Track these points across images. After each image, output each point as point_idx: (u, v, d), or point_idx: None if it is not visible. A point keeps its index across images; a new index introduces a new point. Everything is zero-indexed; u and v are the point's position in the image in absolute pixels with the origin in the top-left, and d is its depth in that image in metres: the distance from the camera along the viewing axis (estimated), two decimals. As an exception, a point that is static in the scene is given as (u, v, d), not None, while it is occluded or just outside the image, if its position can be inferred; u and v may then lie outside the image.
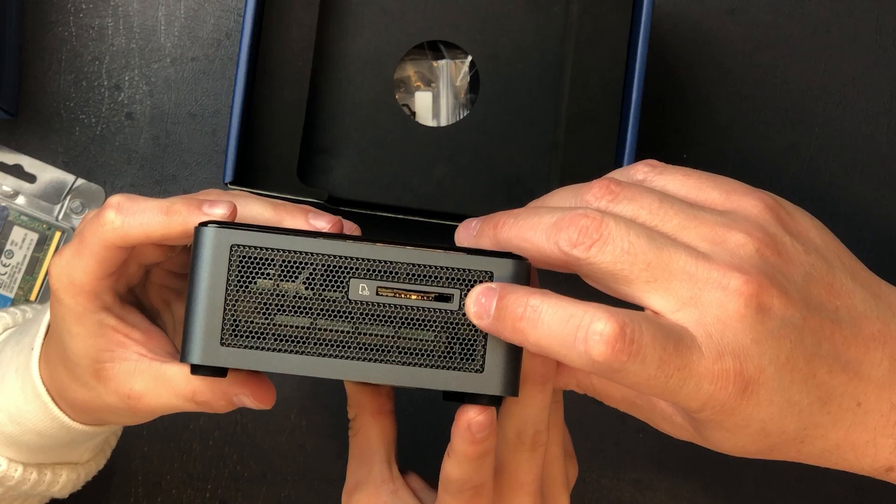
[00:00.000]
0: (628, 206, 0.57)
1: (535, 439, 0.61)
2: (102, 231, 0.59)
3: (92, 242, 0.60)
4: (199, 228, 0.57)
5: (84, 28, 0.83)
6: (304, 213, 0.61)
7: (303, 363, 0.57)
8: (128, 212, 0.59)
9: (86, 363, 0.61)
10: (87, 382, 0.62)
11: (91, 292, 0.61)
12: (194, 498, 0.83)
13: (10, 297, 0.82)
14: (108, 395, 0.62)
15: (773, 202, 0.57)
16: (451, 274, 0.57)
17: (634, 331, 0.52)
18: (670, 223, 0.56)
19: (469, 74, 0.80)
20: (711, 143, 0.86)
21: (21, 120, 0.83)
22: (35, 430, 0.66)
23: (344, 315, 0.57)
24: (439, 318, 0.57)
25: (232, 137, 0.75)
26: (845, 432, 0.56)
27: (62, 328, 0.62)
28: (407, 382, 0.57)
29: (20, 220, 0.82)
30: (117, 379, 0.61)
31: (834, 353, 0.55)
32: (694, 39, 0.86)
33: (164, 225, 0.59)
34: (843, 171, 0.86)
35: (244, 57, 0.75)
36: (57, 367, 0.63)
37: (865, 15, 0.87)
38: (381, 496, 0.66)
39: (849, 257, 0.59)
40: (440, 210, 0.78)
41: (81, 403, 0.64)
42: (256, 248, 0.56)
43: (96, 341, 0.61)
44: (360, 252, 0.57)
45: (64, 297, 0.61)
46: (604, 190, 0.57)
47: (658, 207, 0.56)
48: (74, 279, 0.60)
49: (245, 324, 0.57)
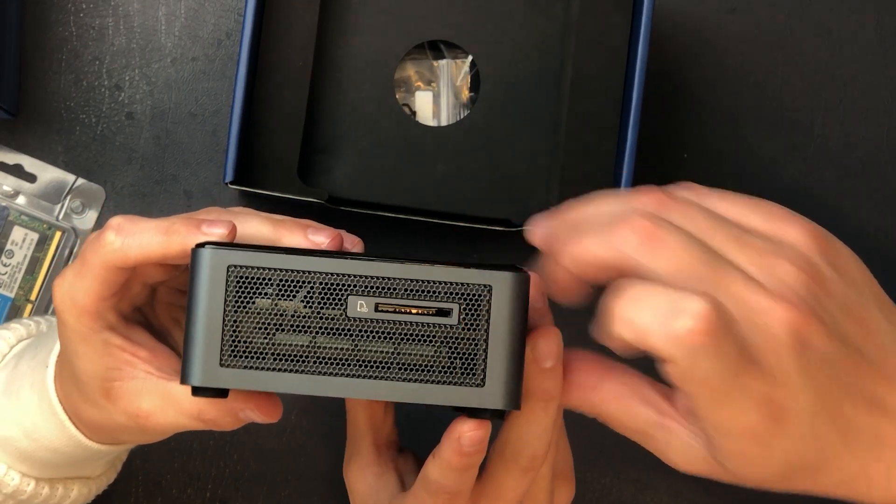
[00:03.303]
0: (678, 217, 0.56)
1: (530, 462, 0.61)
2: (103, 252, 0.59)
3: (93, 263, 0.60)
4: (196, 250, 0.57)
5: (84, 28, 0.83)
6: (303, 228, 0.61)
7: (303, 382, 0.57)
8: (127, 233, 0.59)
9: (94, 383, 0.61)
10: (97, 402, 0.62)
11: (94, 313, 0.61)
12: (194, 498, 0.83)
13: (11, 297, 0.82)
14: (117, 414, 0.62)
15: (818, 232, 0.57)
16: (450, 288, 0.57)
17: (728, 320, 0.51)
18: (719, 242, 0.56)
19: (469, 74, 0.81)
20: (711, 143, 0.86)
21: (21, 119, 0.83)
22: (50, 447, 0.66)
23: (343, 332, 0.57)
24: (439, 333, 0.57)
25: (232, 137, 0.75)
26: (862, 465, 0.56)
27: (69, 349, 0.62)
28: (408, 398, 0.57)
29: (20, 219, 0.82)
30: (126, 398, 0.61)
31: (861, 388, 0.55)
32: (694, 39, 0.86)
33: (163, 245, 0.59)
34: (843, 171, 0.86)
35: (244, 57, 0.75)
36: (69, 387, 0.63)
37: (865, 15, 0.87)
38: (365, 477, 0.68)
39: (880, 292, 0.59)
40: (440, 210, 0.78)
41: (94, 422, 0.64)
42: (253, 268, 0.56)
43: (103, 360, 0.61)
44: (357, 269, 0.56)
45: (68, 318, 0.61)
46: (653, 199, 0.57)
47: (708, 225, 0.56)
48: (77, 300, 0.60)
49: (244, 344, 0.56)
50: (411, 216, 0.78)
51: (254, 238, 0.61)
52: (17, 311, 0.82)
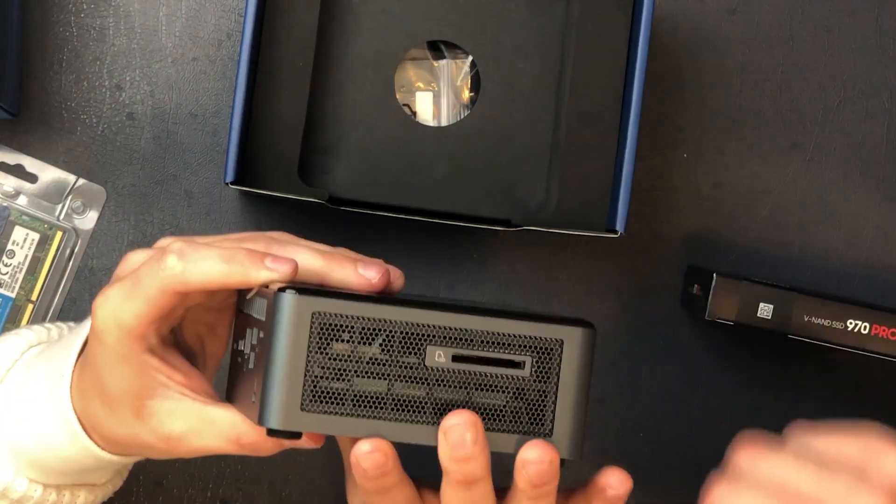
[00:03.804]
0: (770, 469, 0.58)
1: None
2: (163, 276, 0.60)
3: (148, 286, 0.60)
4: (280, 294, 0.58)
5: (85, 28, 0.83)
6: (353, 263, 0.62)
7: (378, 427, 0.58)
8: (189, 258, 0.59)
9: (126, 400, 0.61)
10: (125, 420, 0.62)
11: (139, 336, 0.61)
12: (195, 498, 0.83)
13: (12, 297, 0.82)
14: (146, 434, 0.62)
15: None
16: (524, 342, 0.59)
17: None
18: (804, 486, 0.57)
19: (469, 74, 0.81)
20: (711, 142, 0.86)
21: (22, 120, 0.83)
22: (61, 455, 0.66)
23: (419, 380, 0.58)
24: (511, 384, 0.59)
25: (233, 137, 0.75)
26: None
27: (103, 367, 0.61)
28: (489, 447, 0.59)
29: (21, 219, 0.82)
30: (157, 418, 0.61)
31: None
32: (694, 39, 0.86)
33: (224, 274, 0.59)
34: (842, 172, 0.86)
35: (245, 57, 0.75)
36: (93, 401, 0.63)
37: (865, 15, 0.87)
38: None
39: None
40: (440, 210, 0.78)
41: (117, 438, 0.64)
42: (337, 315, 0.58)
43: (138, 381, 0.61)
44: (437, 320, 0.58)
45: (108, 339, 0.61)
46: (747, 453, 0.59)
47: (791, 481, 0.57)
48: (122, 322, 0.60)
49: (324, 389, 0.58)
50: (411, 216, 0.78)
51: (304, 270, 0.61)
52: (19, 311, 0.82)
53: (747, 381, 0.86)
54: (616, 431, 0.85)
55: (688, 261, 0.86)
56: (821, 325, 0.79)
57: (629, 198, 0.77)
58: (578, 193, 0.79)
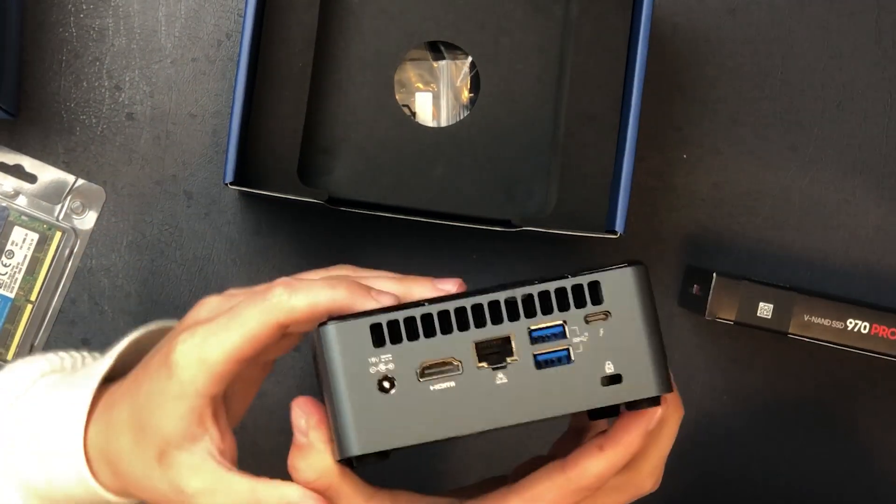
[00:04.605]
0: None
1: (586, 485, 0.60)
2: (268, 305, 0.59)
3: (249, 318, 0.59)
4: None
5: (85, 28, 0.83)
6: (429, 280, 0.62)
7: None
8: (297, 288, 0.59)
9: (157, 441, 0.61)
10: (148, 462, 0.61)
11: (216, 374, 0.60)
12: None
13: (11, 297, 0.82)
14: (162, 482, 0.61)
15: None
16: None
17: None
18: None
19: (469, 74, 0.81)
20: (711, 142, 0.86)
21: (22, 120, 0.83)
22: (67, 495, 0.65)
23: None
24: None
25: (232, 138, 0.75)
26: None
27: (157, 402, 0.61)
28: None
29: (21, 220, 0.82)
30: (177, 469, 0.61)
31: None
32: (694, 39, 0.86)
33: (330, 299, 0.59)
34: (842, 172, 0.86)
35: (244, 57, 0.75)
36: (122, 435, 0.62)
37: (865, 15, 0.87)
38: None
39: None
40: (440, 210, 0.78)
41: (132, 478, 0.63)
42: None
43: (180, 425, 0.60)
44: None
45: (183, 373, 0.60)
46: None
47: None
48: (207, 357, 0.59)
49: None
50: (411, 216, 0.78)
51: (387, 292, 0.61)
52: (18, 312, 0.82)
53: (747, 381, 0.86)
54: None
55: (687, 261, 0.86)
56: (821, 325, 0.79)
57: (629, 198, 0.77)
58: (578, 194, 0.79)
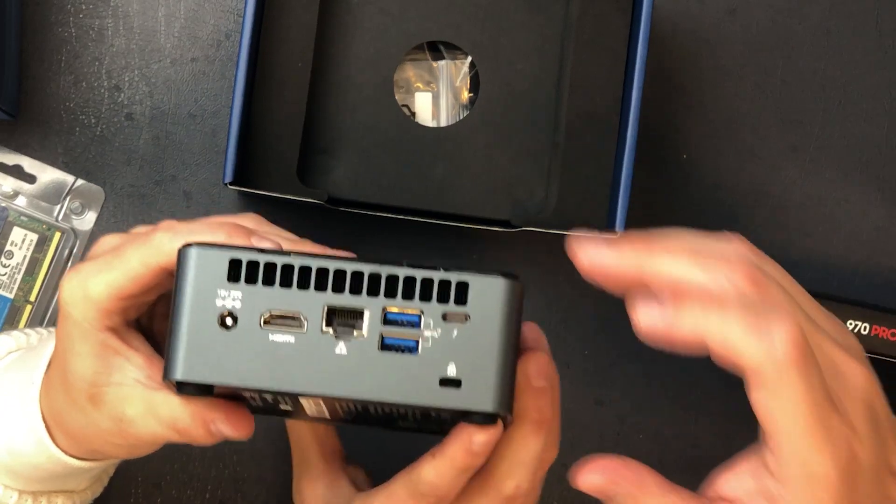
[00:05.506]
0: (774, 273, 0.58)
1: (513, 492, 0.60)
2: (148, 249, 0.59)
3: (130, 258, 0.59)
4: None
5: (84, 29, 0.83)
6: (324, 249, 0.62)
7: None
8: (179, 232, 0.59)
9: (82, 385, 0.61)
10: (83, 407, 0.61)
11: (104, 309, 0.60)
12: (194, 499, 0.83)
13: (10, 298, 0.82)
14: (102, 420, 0.61)
15: None
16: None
17: (812, 351, 0.53)
18: (805, 306, 0.58)
19: (469, 74, 0.81)
20: (711, 143, 0.86)
21: (21, 121, 0.83)
22: (31, 463, 0.65)
23: None
24: None
25: (232, 138, 0.75)
26: None
27: (66, 348, 0.61)
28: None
29: (20, 220, 0.82)
30: (111, 403, 0.61)
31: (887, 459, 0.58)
32: (694, 39, 0.86)
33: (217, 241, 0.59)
34: (842, 172, 0.86)
35: (244, 57, 0.75)
36: (57, 394, 0.63)
37: (865, 15, 0.87)
38: (317, 489, 0.69)
39: None
40: (440, 210, 0.78)
41: (78, 431, 0.63)
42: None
43: (95, 362, 0.60)
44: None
45: (73, 311, 0.60)
46: (750, 248, 0.58)
47: (796, 290, 0.58)
48: (90, 293, 0.60)
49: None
50: (411, 216, 0.78)
51: None
52: (17, 312, 0.82)
53: (747, 381, 0.86)
54: (616, 431, 0.85)
55: (687, 261, 0.86)
56: (821, 325, 0.78)
57: (629, 198, 0.77)
58: (578, 194, 0.79)
